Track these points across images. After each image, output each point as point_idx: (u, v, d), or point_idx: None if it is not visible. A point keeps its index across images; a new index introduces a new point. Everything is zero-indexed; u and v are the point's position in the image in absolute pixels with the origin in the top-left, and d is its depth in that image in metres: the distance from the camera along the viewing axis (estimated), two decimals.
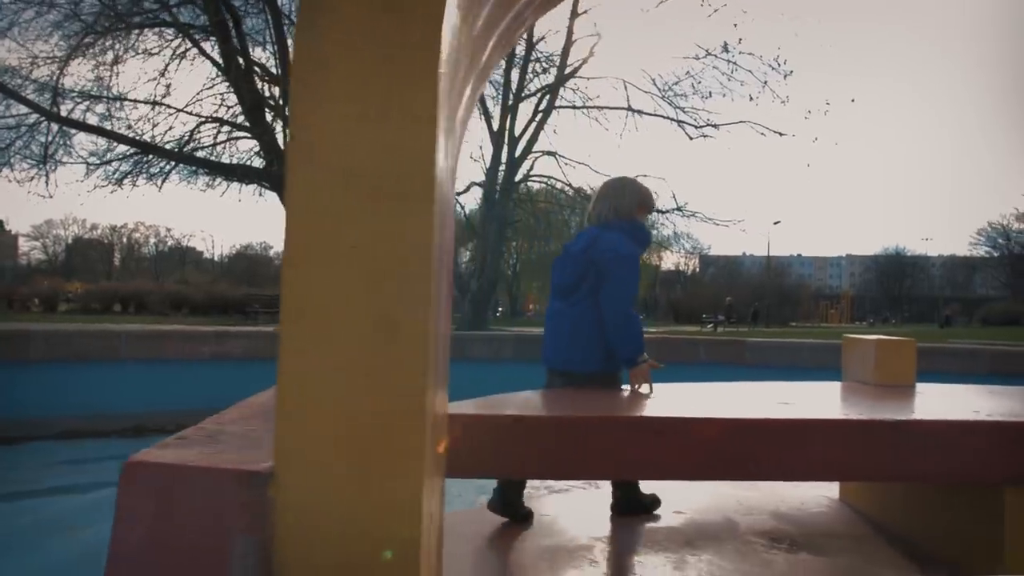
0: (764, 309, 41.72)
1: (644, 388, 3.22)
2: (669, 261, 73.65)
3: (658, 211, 21.25)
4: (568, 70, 20.17)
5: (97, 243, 66.60)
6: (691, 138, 19.28)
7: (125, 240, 67.62)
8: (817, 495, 3.97)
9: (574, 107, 20.32)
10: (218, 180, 17.81)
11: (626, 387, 3.31)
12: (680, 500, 3.69)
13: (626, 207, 3.50)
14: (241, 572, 1.20)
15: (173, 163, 17.06)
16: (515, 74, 20.36)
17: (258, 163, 17.78)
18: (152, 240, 67.72)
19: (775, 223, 42.93)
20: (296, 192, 1.22)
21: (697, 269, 79.27)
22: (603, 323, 3.28)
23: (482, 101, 21.42)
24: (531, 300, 62.57)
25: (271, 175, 17.04)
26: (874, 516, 3.53)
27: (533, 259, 49.32)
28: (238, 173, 17.14)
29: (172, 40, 16.96)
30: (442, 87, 1.23)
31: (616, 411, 2.73)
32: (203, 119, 17.69)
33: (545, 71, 20.37)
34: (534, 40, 20.01)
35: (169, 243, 68.04)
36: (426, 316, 1.21)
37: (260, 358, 10.00)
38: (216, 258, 70.71)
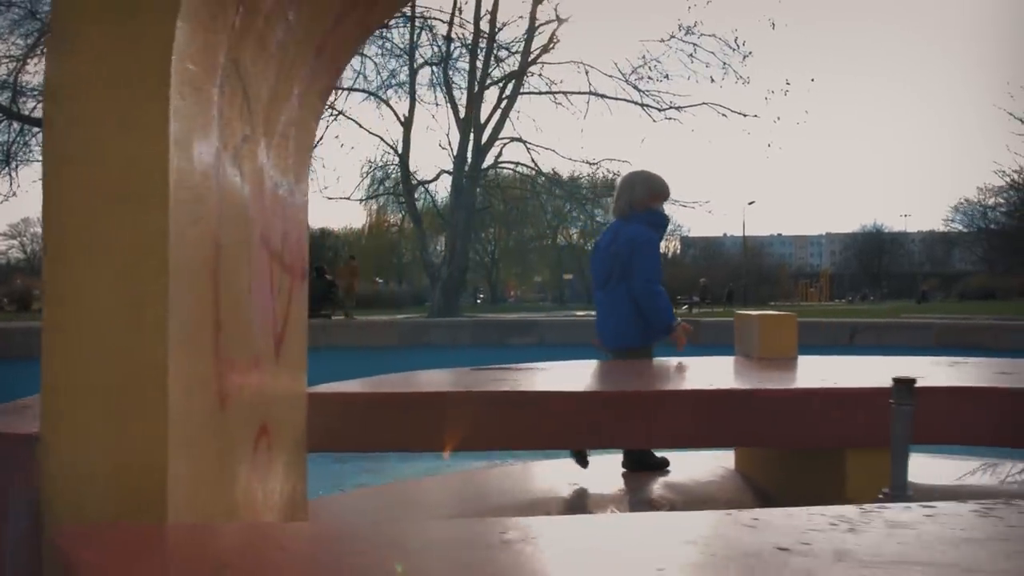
0: (740, 289, 42.01)
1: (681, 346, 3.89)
2: None
3: None
4: (532, 56, 20.26)
5: None
6: (655, 120, 19.43)
7: None
8: (715, 465, 4.11)
9: (538, 93, 20.41)
10: None
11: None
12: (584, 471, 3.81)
13: (639, 199, 3.93)
14: (15, 526, 1.39)
15: None
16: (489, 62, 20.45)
17: None
18: None
19: (750, 203, 43.39)
20: (51, 197, 1.37)
21: (678, 251, 79.66)
22: (636, 305, 3.82)
23: (448, 89, 21.49)
24: (511, 286, 62.78)
25: None
26: (758, 482, 3.68)
27: (511, 245, 49.51)
28: None
29: None
30: (174, 103, 1.37)
31: (477, 387, 2.87)
32: None
33: (508, 57, 20.44)
34: (496, 28, 20.10)
35: None
36: (163, 304, 1.34)
37: None
38: None
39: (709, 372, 3.38)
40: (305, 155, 2.44)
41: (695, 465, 4.08)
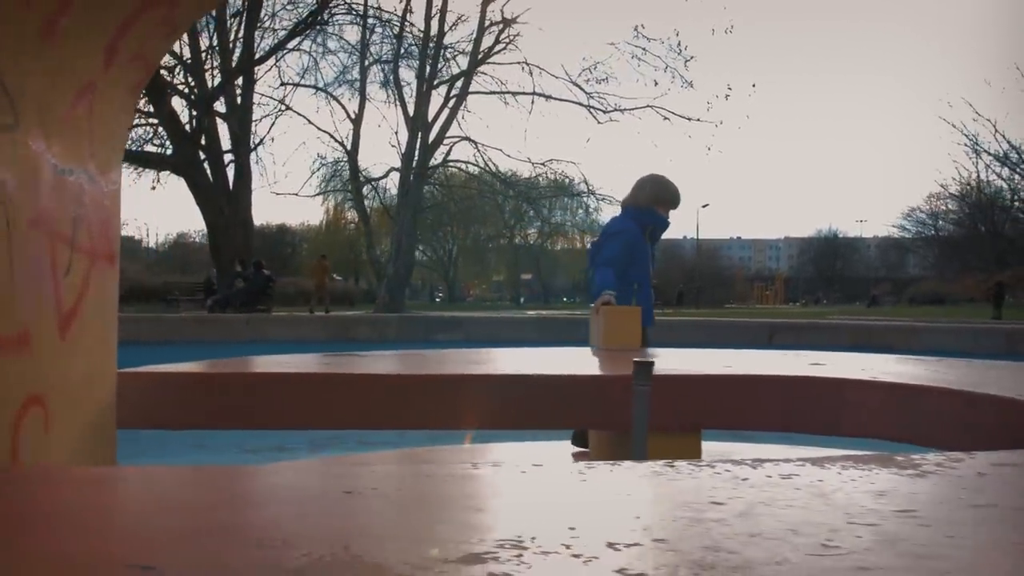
0: (693, 291, 42.49)
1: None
2: None
3: (571, 195, 21.68)
4: (480, 56, 20.41)
5: None
6: (599, 122, 19.68)
7: None
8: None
9: (486, 92, 20.58)
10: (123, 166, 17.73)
11: None
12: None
13: (644, 198, 4.18)
14: None
15: None
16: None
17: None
18: None
19: (704, 206, 43.84)
20: None
21: None
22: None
23: (398, 87, 21.58)
24: (470, 285, 62.88)
25: (173, 160, 17.05)
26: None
27: (468, 244, 49.64)
28: (138, 160, 17.10)
29: None
30: None
31: (302, 368, 3.02)
32: None
33: (455, 56, 20.59)
34: (445, 28, 20.24)
35: None
36: None
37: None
38: (155, 247, 69.61)
39: (529, 359, 3.56)
40: (113, 146, 2.58)
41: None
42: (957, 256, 31.74)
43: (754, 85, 32.78)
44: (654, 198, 4.20)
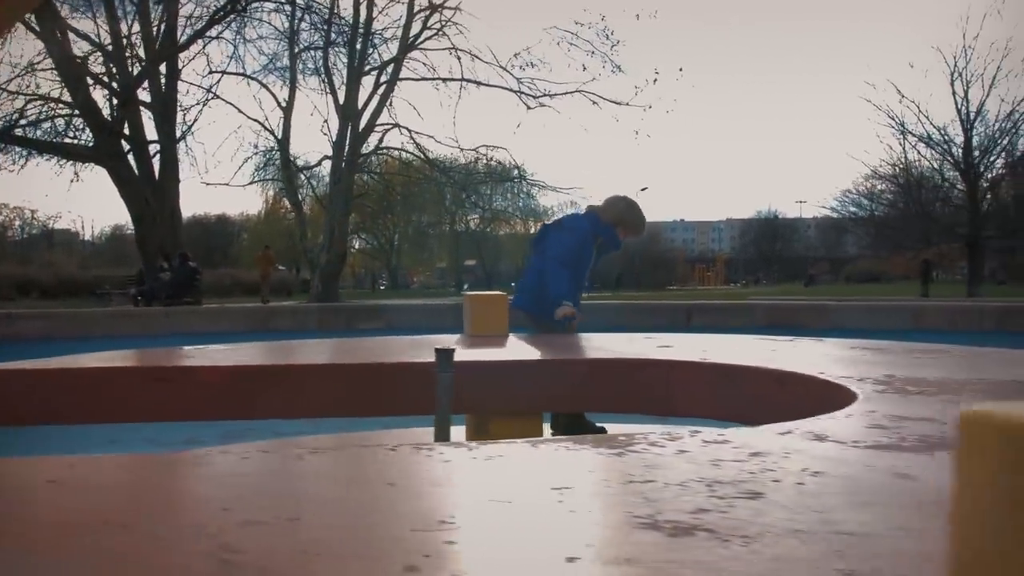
0: (633, 274, 42.88)
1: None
2: None
3: (503, 181, 21.76)
4: (410, 42, 20.29)
5: None
6: (529, 107, 19.73)
7: None
8: None
9: (414, 79, 20.49)
10: (44, 158, 17.34)
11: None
12: None
13: (609, 215, 4.26)
14: None
15: None
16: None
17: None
18: (18, 223, 64.60)
19: (642, 189, 44.23)
20: None
21: None
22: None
23: (327, 74, 21.36)
24: (413, 273, 62.66)
25: (93, 152, 16.69)
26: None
27: (410, 232, 49.43)
28: (56, 150, 16.70)
29: None
30: None
31: (131, 363, 3.03)
32: (32, 96, 17.18)
33: (383, 44, 20.46)
34: (373, 14, 20.07)
35: (38, 226, 65.04)
36: None
37: (60, 338, 9.95)
38: (91, 240, 68.02)
39: (379, 347, 3.61)
40: None
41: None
42: (889, 236, 32.46)
43: (681, 69, 32.99)
44: (619, 218, 4.30)
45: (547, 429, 3.69)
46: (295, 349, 3.53)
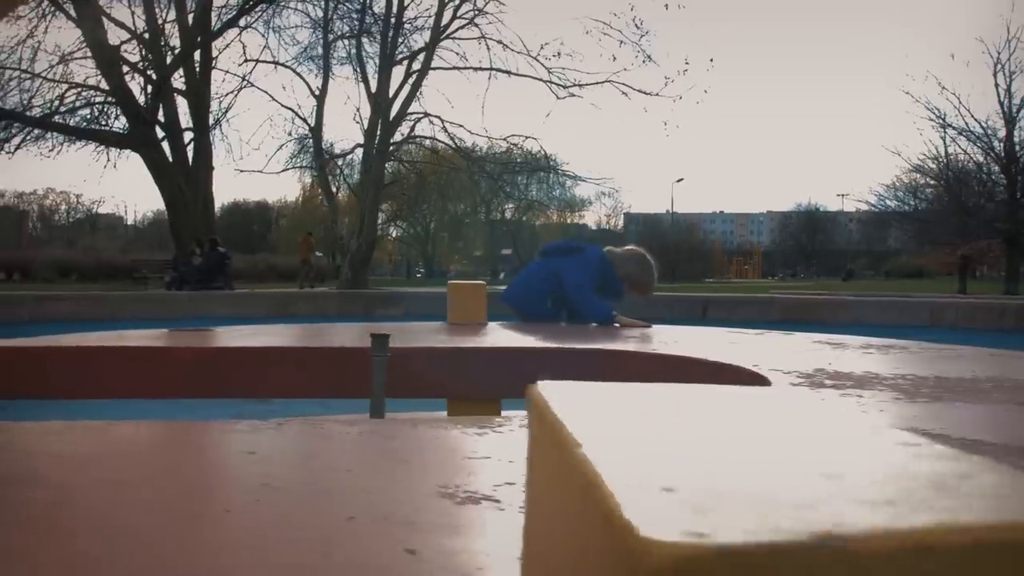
0: (668, 266, 42.67)
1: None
2: (589, 219, 74.74)
3: (532, 170, 21.84)
4: (442, 32, 20.38)
5: (7, 211, 64.74)
6: (559, 97, 19.74)
7: (37, 207, 65.93)
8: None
9: (445, 68, 20.58)
10: (81, 144, 17.75)
11: None
12: None
13: (622, 269, 4.27)
14: None
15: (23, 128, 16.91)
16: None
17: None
18: (64, 207, 66.22)
19: (678, 180, 44.09)
20: None
21: (621, 227, 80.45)
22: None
23: (360, 62, 21.56)
24: (451, 261, 63.04)
25: (128, 138, 17.05)
26: None
27: (446, 220, 49.74)
28: (92, 136, 17.09)
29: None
30: None
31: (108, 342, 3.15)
32: (69, 84, 17.60)
33: (414, 32, 20.59)
34: (405, 2, 20.20)
35: (83, 210, 66.60)
36: None
37: (85, 319, 10.24)
38: (135, 224, 69.46)
39: (346, 332, 3.71)
40: None
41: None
42: (927, 231, 31.94)
43: (712, 60, 32.38)
44: (630, 276, 4.34)
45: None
46: (263, 333, 3.64)
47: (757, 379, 2.31)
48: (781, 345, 3.32)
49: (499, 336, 3.56)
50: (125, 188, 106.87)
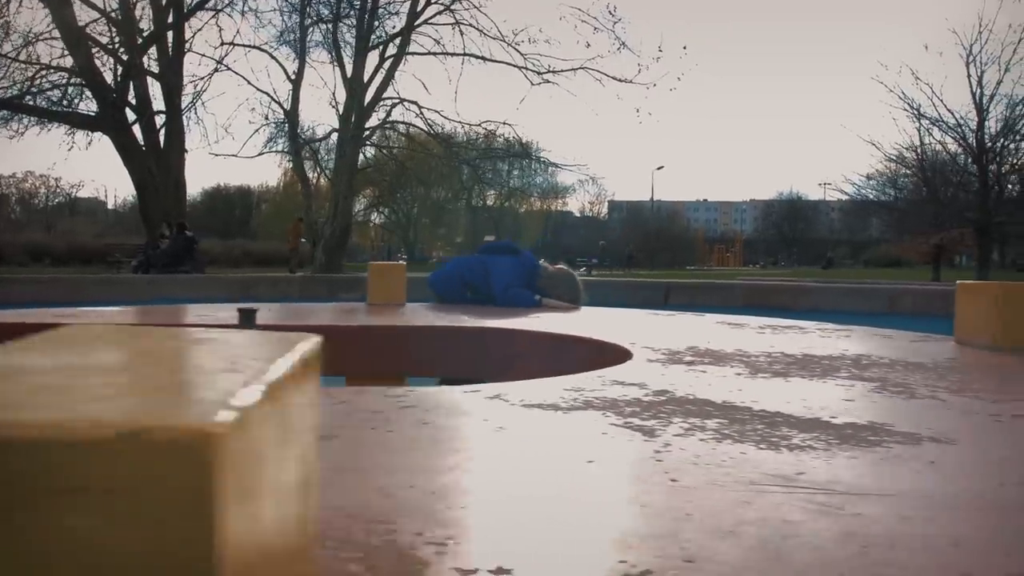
0: (647, 253, 42.78)
1: None
2: (573, 206, 74.78)
3: (504, 156, 21.82)
4: (418, 18, 20.27)
5: None
6: (533, 84, 19.69)
7: (15, 191, 65.24)
8: None
9: (419, 53, 20.49)
10: (50, 126, 17.60)
11: None
12: None
13: (550, 285, 4.52)
14: None
15: None
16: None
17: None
18: (43, 191, 65.55)
19: (658, 168, 44.11)
20: None
21: (605, 214, 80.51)
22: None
23: (336, 47, 21.42)
24: (435, 247, 62.94)
25: (99, 120, 16.91)
26: None
27: (429, 206, 49.58)
28: (65, 119, 16.95)
29: None
30: None
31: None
32: (41, 66, 17.43)
33: (389, 17, 20.49)
34: None
35: (62, 194, 65.98)
36: None
37: (44, 302, 10.18)
38: (116, 208, 68.87)
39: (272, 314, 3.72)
40: None
41: None
42: (905, 220, 32.15)
43: (684, 47, 32.39)
44: (556, 293, 4.53)
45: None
46: (155, 312, 3.65)
47: (624, 354, 2.35)
48: (686, 326, 3.37)
49: (405, 317, 3.59)
50: (106, 172, 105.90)
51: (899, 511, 0.90)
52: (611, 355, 2.41)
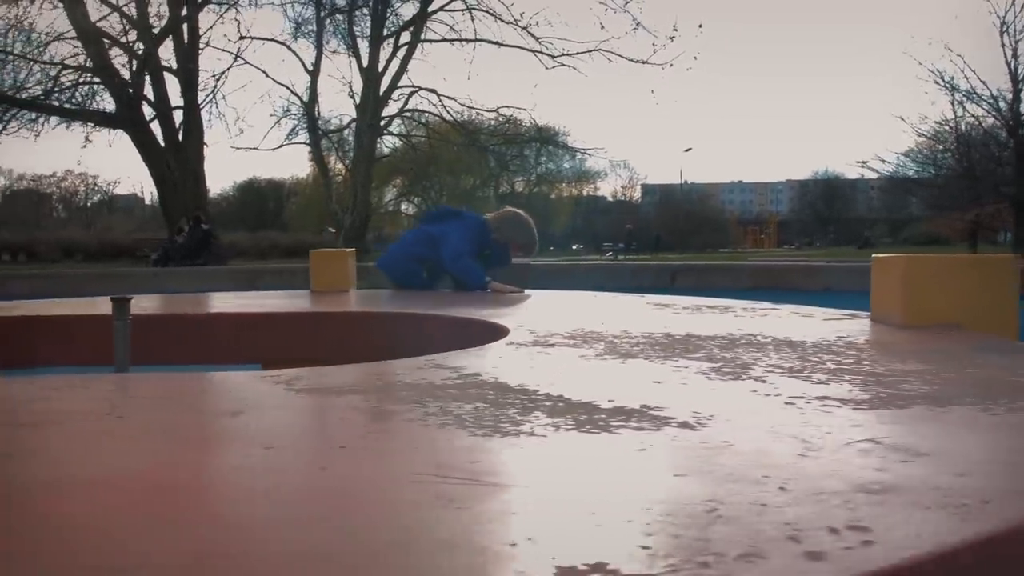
0: (678, 236, 42.34)
1: None
2: (606, 191, 74.38)
3: (522, 143, 21.75)
4: (431, 6, 20.23)
5: (28, 193, 65.39)
6: (547, 68, 19.57)
7: (56, 189, 66.55)
8: None
9: (433, 41, 20.45)
10: (69, 124, 17.86)
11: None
12: None
13: (504, 232, 4.36)
14: None
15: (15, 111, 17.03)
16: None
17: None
18: (82, 188, 66.75)
19: (686, 150, 43.54)
20: None
21: (638, 198, 79.91)
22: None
23: (352, 37, 21.46)
24: None
25: (117, 116, 17.11)
26: None
27: (458, 194, 49.60)
28: (78, 116, 17.18)
29: None
30: None
31: None
32: (64, 66, 17.67)
33: (402, 5, 20.47)
34: None
35: (100, 191, 67.18)
36: None
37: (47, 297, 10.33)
38: (153, 204, 69.96)
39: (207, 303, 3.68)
40: None
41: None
42: (941, 196, 31.55)
43: (700, 26, 31.83)
44: (507, 237, 4.37)
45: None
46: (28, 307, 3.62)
47: (493, 337, 2.27)
48: (605, 307, 3.28)
49: (328, 303, 3.53)
50: (141, 169, 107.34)
51: (513, 496, 0.81)
52: (478, 337, 2.33)
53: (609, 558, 0.67)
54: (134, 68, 17.88)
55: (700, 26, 32.05)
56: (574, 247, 55.71)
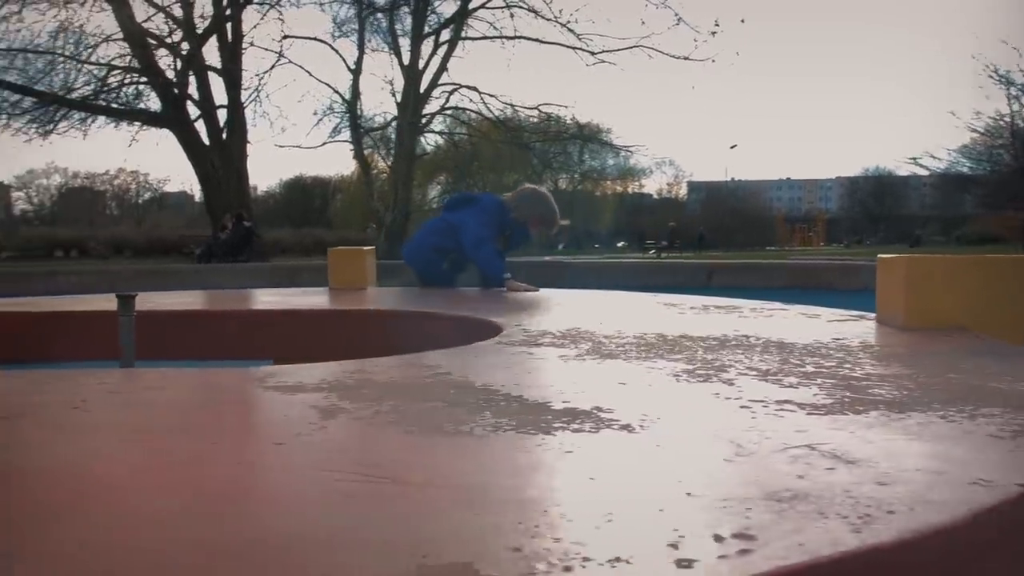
0: (723, 233, 41.88)
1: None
2: (652, 188, 73.91)
3: (563, 140, 21.72)
4: (471, 3, 20.28)
5: (82, 191, 66.95)
6: (587, 64, 19.51)
7: (109, 187, 68.03)
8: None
9: (474, 38, 20.50)
10: (123, 124, 18.27)
11: None
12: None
13: (524, 211, 4.29)
14: None
15: (66, 110, 17.46)
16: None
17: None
18: (134, 186, 68.12)
19: (732, 147, 43.06)
20: None
21: (684, 196, 79.32)
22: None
23: (393, 35, 21.60)
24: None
25: (163, 116, 17.44)
26: None
27: (501, 192, 49.69)
28: (124, 116, 17.54)
29: None
30: None
31: None
32: (111, 67, 18.07)
33: (442, 3, 20.51)
34: None
35: (150, 189, 68.53)
36: None
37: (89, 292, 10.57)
38: (202, 201, 71.16)
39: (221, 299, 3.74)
40: None
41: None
42: (997, 194, 30.78)
43: (743, 20, 31.44)
44: (528, 214, 4.31)
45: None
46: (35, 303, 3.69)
47: (488, 335, 2.28)
48: (614, 306, 3.27)
49: (340, 301, 3.57)
50: (189, 166, 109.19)
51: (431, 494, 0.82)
52: (474, 335, 2.34)
53: (477, 558, 0.68)
54: (179, 68, 18.22)
55: (742, 21, 31.54)
56: (619, 244, 55.53)
